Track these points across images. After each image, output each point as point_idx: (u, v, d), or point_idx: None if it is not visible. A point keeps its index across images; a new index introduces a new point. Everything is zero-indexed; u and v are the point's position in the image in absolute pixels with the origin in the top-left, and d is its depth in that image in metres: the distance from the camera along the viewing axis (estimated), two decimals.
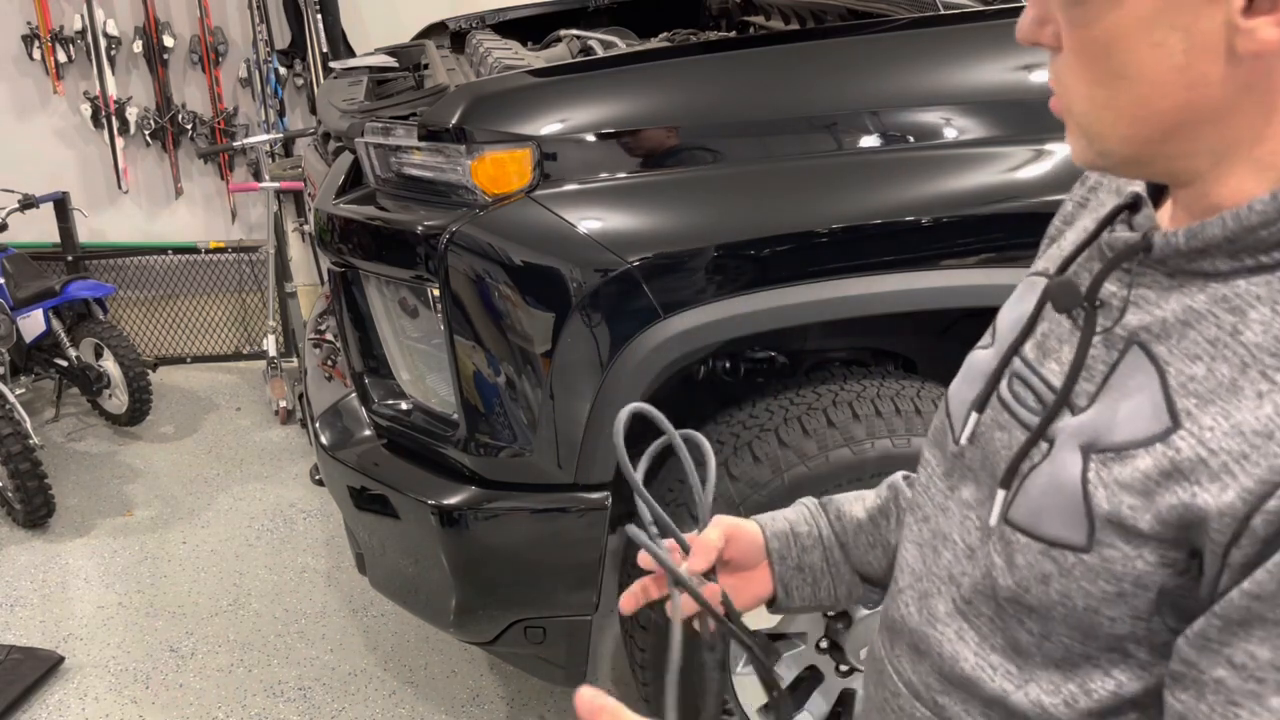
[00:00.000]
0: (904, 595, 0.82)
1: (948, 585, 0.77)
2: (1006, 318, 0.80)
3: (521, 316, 1.69)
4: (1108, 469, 0.64)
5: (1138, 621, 0.64)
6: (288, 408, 3.92)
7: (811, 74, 1.80)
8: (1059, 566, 0.66)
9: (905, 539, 0.85)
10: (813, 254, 1.70)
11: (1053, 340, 0.72)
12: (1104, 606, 0.65)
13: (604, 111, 1.74)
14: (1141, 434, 0.62)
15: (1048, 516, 0.67)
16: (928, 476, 0.84)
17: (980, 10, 1.94)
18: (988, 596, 0.72)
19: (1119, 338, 0.66)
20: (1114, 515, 0.63)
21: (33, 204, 3.72)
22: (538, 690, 2.51)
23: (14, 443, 3.11)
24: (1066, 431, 0.67)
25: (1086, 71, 0.62)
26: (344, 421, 2.06)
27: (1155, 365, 0.63)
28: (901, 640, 0.82)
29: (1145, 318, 0.65)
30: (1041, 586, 0.67)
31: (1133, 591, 0.63)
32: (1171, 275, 0.65)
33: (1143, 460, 0.62)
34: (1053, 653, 0.69)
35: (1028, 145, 1.71)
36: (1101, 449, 0.64)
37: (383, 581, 2.14)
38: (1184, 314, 0.63)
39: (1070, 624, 0.67)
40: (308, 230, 3.43)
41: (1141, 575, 0.63)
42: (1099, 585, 0.64)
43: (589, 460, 1.76)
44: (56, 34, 4.10)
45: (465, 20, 3.05)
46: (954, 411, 0.81)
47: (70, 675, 2.63)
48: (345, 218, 1.88)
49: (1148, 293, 0.66)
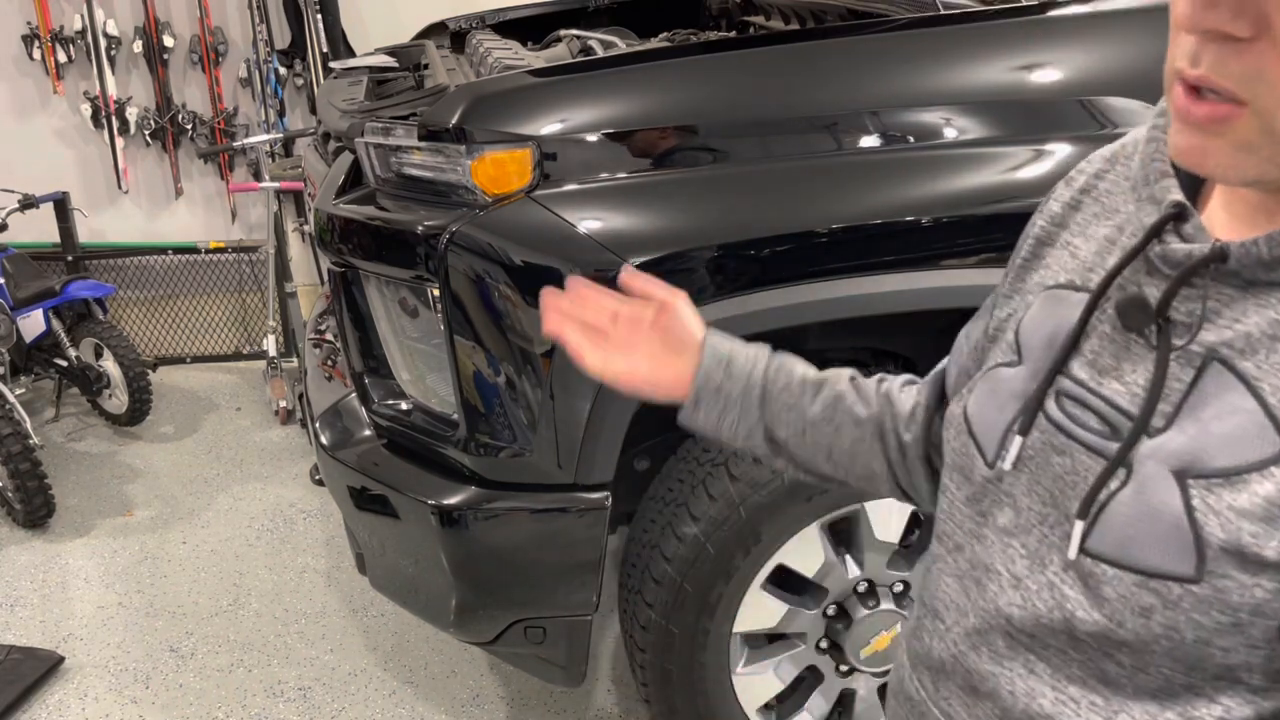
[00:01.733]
0: (951, 633, 0.77)
1: (999, 619, 0.73)
2: (1035, 334, 0.75)
3: (521, 316, 1.69)
4: (1216, 495, 0.60)
5: (1253, 650, 0.62)
6: (288, 408, 3.92)
7: (811, 74, 1.80)
8: (1162, 599, 0.62)
9: (939, 570, 0.81)
10: (813, 254, 1.70)
11: (1107, 358, 0.69)
12: (1216, 637, 0.62)
13: (604, 111, 1.73)
14: (1252, 457, 0.59)
15: (1142, 546, 0.63)
16: (949, 503, 0.80)
17: (980, 10, 1.94)
18: (1057, 631, 0.69)
19: (1195, 354, 0.63)
20: (1232, 544, 0.60)
21: (33, 204, 3.72)
22: (538, 690, 2.51)
23: (14, 443, 3.11)
24: (1149, 456, 0.64)
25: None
26: (344, 421, 2.06)
27: (1245, 383, 0.61)
28: (950, 681, 0.78)
29: (1224, 333, 0.62)
30: (1140, 620, 0.64)
31: (1249, 621, 0.60)
32: (1245, 287, 0.62)
33: (1261, 485, 0.59)
34: (1148, 684, 0.66)
35: (1028, 145, 1.71)
36: (1202, 474, 0.61)
37: (383, 581, 2.14)
38: (1270, 327, 0.60)
39: (1175, 656, 0.64)
40: (308, 230, 3.43)
41: (1260, 603, 0.60)
42: (1212, 616, 0.61)
43: (589, 460, 1.76)
44: (56, 34, 4.10)
45: (465, 20, 3.05)
46: (981, 433, 0.76)
47: (70, 675, 2.63)
48: (345, 218, 1.88)
49: (1219, 306, 0.63)
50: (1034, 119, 1.73)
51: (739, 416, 0.95)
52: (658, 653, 1.93)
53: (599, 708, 2.47)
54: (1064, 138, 1.70)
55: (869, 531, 1.92)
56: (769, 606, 1.93)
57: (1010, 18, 1.83)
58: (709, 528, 1.82)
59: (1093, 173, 0.78)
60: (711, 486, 1.83)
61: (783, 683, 2.03)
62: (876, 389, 0.97)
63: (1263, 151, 0.56)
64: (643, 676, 2.00)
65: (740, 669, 1.98)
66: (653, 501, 1.94)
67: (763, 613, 1.93)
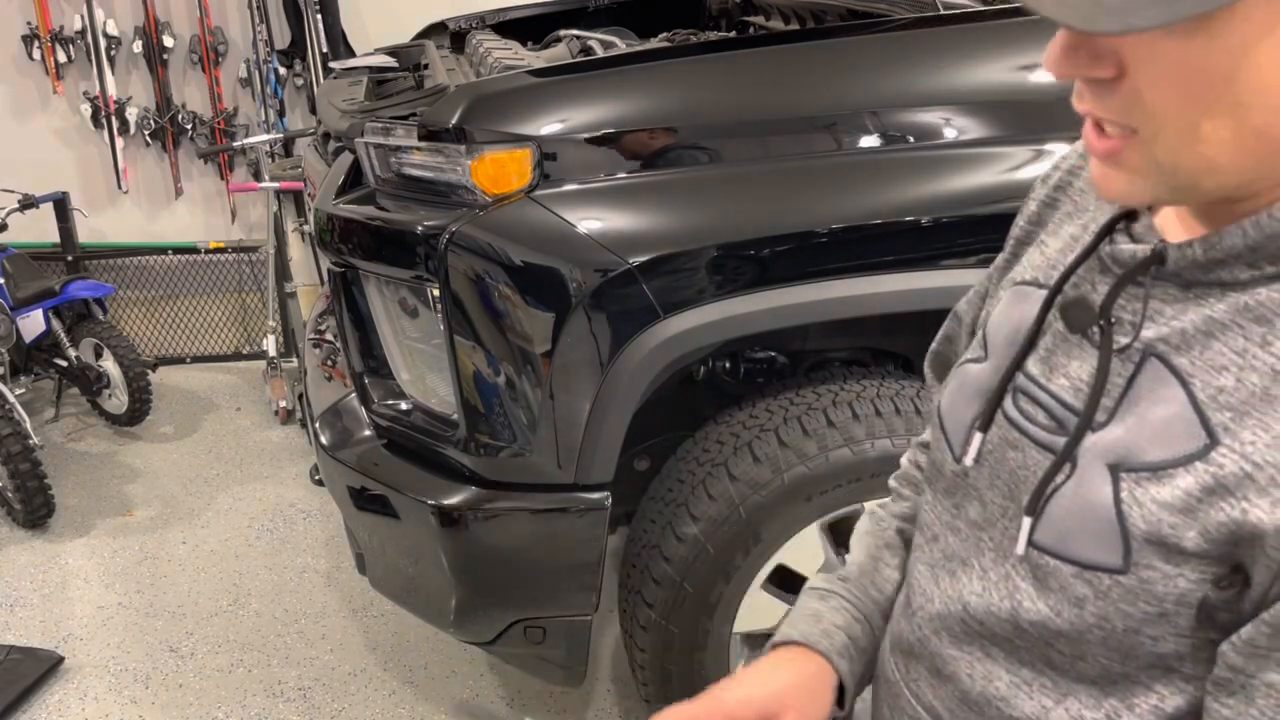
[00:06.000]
0: (917, 617, 0.80)
1: (958, 605, 0.75)
2: (1000, 330, 0.77)
3: (521, 316, 1.69)
4: (1143, 488, 0.62)
5: (1180, 639, 0.63)
6: (288, 408, 3.92)
7: (811, 74, 1.80)
8: (1094, 589, 0.64)
9: (916, 558, 0.83)
10: (813, 254, 1.70)
11: (1059, 355, 0.70)
12: (1145, 627, 0.63)
13: (604, 112, 1.73)
14: (1178, 452, 0.61)
15: (1078, 538, 0.65)
16: (931, 494, 0.82)
17: (980, 10, 1.94)
18: (1004, 620, 0.71)
19: (1135, 350, 0.65)
20: (1153, 535, 0.61)
21: (33, 204, 3.72)
22: (538, 690, 2.51)
23: (14, 443, 3.11)
24: (1089, 450, 0.65)
25: (1191, 103, 0.54)
26: (344, 421, 2.06)
27: (1178, 378, 0.62)
28: (919, 663, 0.80)
29: (1163, 329, 0.64)
30: (1075, 610, 0.66)
31: (1175, 610, 0.62)
32: (1186, 287, 0.63)
33: (1183, 479, 0.60)
34: (1088, 671, 0.68)
35: (1028, 145, 1.71)
36: (1133, 468, 0.63)
37: (383, 581, 2.14)
38: (1204, 324, 0.61)
39: (1109, 646, 0.66)
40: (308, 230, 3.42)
41: (1184, 593, 0.61)
42: (1139, 606, 0.63)
43: (589, 460, 1.76)
44: (56, 34, 4.10)
45: (465, 20, 3.05)
46: (951, 429, 0.79)
47: (70, 675, 2.63)
48: (345, 218, 1.88)
49: (1162, 305, 0.64)
50: (1034, 119, 1.73)
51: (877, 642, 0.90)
52: (658, 653, 1.93)
53: (599, 708, 2.47)
54: (1064, 138, 1.70)
55: None
56: (769, 606, 1.93)
57: (1010, 18, 1.83)
58: (709, 528, 1.82)
59: (1067, 169, 0.81)
60: (711, 486, 1.83)
61: None
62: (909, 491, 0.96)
63: (1152, 177, 0.59)
64: (643, 676, 2.00)
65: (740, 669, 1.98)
66: (653, 501, 1.94)
67: (763, 613, 1.93)
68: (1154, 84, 0.55)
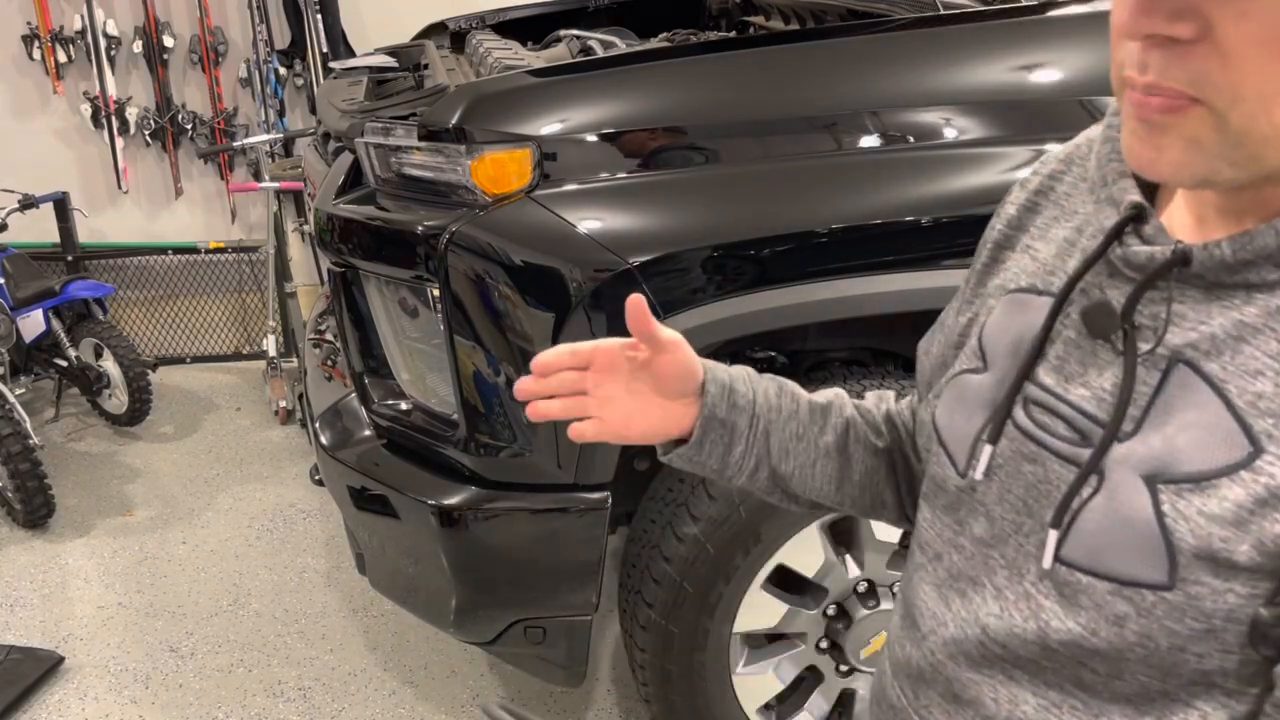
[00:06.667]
0: (929, 642, 0.77)
1: (975, 629, 0.72)
2: (998, 339, 0.74)
3: (521, 316, 1.69)
4: (1186, 500, 0.60)
5: (1227, 655, 0.61)
6: (288, 408, 3.92)
7: (811, 74, 1.80)
8: (1136, 607, 0.62)
9: (919, 578, 0.80)
10: (813, 254, 1.70)
11: (1074, 364, 0.68)
12: (1191, 644, 0.61)
13: (604, 111, 1.74)
14: (1220, 461, 0.59)
15: (1114, 553, 0.62)
16: (930, 510, 0.79)
17: (980, 10, 1.94)
18: (1030, 642, 0.68)
19: (1160, 358, 0.62)
20: (1203, 550, 0.59)
21: (33, 204, 3.72)
22: (538, 690, 2.51)
23: (14, 443, 3.11)
24: (1119, 461, 0.63)
25: (1274, 64, 0.52)
26: (344, 421, 2.06)
27: (1210, 385, 0.60)
28: (931, 689, 0.77)
29: (1189, 335, 0.61)
30: (1115, 629, 0.63)
31: (1223, 626, 0.60)
32: (1209, 289, 0.61)
33: (1230, 490, 0.58)
34: (1124, 690, 0.65)
35: (1028, 145, 1.71)
36: (1172, 479, 0.60)
37: (383, 581, 2.14)
38: (1235, 329, 0.59)
39: (1150, 664, 0.63)
40: (308, 230, 3.43)
41: (1234, 609, 0.59)
42: (1185, 623, 0.60)
43: (589, 460, 1.76)
44: (56, 34, 4.10)
45: (465, 20, 3.05)
46: (952, 442, 0.75)
47: (70, 675, 2.63)
48: (345, 218, 1.88)
49: (1185, 309, 0.62)
50: (1034, 119, 1.73)
51: (745, 450, 0.87)
52: (658, 653, 1.93)
53: (599, 708, 2.47)
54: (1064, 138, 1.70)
55: (869, 531, 1.92)
56: (769, 606, 1.93)
57: (1010, 18, 1.83)
58: (709, 528, 1.82)
59: (1048, 174, 0.79)
60: (711, 487, 1.83)
61: (783, 683, 2.03)
62: (881, 415, 0.93)
63: (1212, 149, 0.56)
64: (643, 676, 2.00)
65: (740, 669, 1.98)
66: (653, 501, 1.94)
67: (763, 613, 1.93)
68: (1241, 44, 0.52)
